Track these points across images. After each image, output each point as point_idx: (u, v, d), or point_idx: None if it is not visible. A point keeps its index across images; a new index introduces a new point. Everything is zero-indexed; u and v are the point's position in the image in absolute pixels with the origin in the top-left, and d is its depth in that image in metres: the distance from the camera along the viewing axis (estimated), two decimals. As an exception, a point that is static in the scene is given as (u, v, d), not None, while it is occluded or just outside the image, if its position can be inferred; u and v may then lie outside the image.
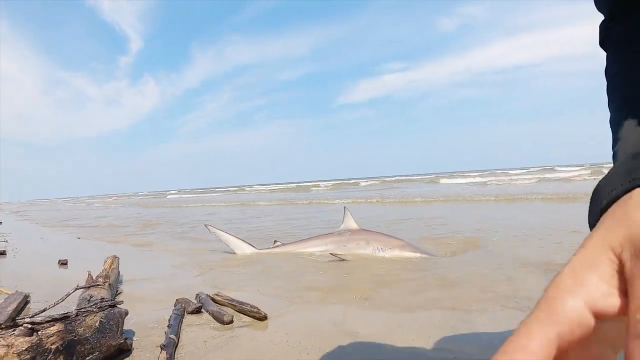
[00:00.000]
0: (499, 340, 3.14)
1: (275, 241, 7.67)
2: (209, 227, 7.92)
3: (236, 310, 4.05)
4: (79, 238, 11.94)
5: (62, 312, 2.86)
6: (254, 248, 7.42)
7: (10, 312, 3.89)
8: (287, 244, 7.49)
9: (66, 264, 7.06)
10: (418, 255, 6.08)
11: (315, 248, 7.07)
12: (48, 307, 3.09)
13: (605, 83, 1.14)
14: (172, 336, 3.24)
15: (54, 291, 4.69)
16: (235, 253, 7.42)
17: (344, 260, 6.23)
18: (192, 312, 4.02)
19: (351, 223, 7.17)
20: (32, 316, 2.77)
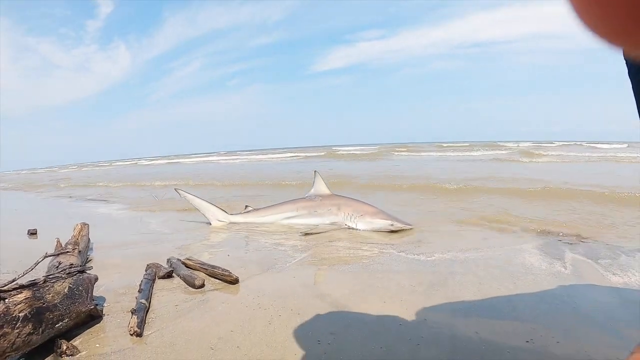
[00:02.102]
0: (469, 306, 3.29)
1: (246, 206, 7.61)
2: (179, 191, 7.70)
3: (207, 274, 4.09)
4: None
5: (30, 279, 2.82)
6: (226, 213, 7.36)
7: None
8: (259, 209, 7.45)
9: (35, 233, 6.91)
10: (389, 223, 6.12)
11: (286, 213, 7.02)
12: (17, 277, 3.03)
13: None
14: (143, 301, 3.26)
15: (23, 261, 4.60)
16: (209, 222, 7.34)
17: (318, 233, 6.20)
18: (163, 277, 4.04)
19: (322, 188, 7.03)
20: (2, 287, 2.72)
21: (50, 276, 2.96)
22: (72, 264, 3.60)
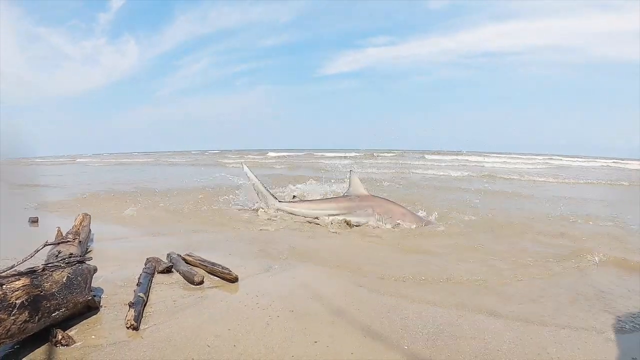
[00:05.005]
0: (469, 310, 3.25)
1: (294, 196, 8.16)
2: (244, 165, 8.16)
3: (207, 271, 4.05)
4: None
5: (29, 267, 2.79)
6: (275, 200, 7.75)
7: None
8: (305, 201, 7.90)
9: (37, 221, 6.91)
10: (414, 226, 6.56)
11: (329, 210, 7.26)
12: (16, 264, 2.99)
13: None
14: (141, 294, 3.23)
15: (24, 249, 4.57)
16: (253, 207, 7.79)
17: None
18: (162, 272, 4.01)
19: (359, 188, 7.36)
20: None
21: (50, 265, 2.94)
22: (71, 254, 3.58)
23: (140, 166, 29.87)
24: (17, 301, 2.46)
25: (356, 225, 6.80)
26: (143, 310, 3.10)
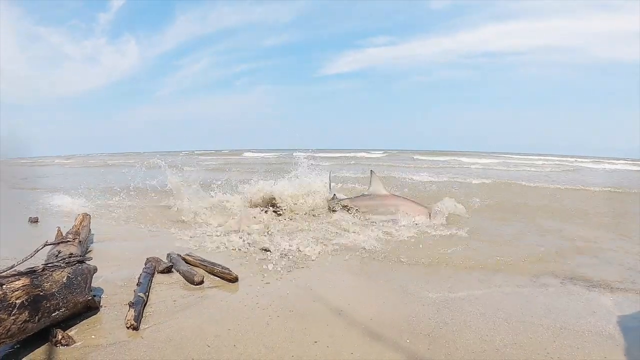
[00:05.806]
0: (466, 311, 3.24)
1: (334, 195, 8.09)
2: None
3: (207, 271, 4.05)
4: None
5: (29, 267, 2.79)
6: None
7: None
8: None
9: (37, 221, 6.90)
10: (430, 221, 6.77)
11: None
12: (16, 264, 2.99)
13: None
14: (141, 294, 3.23)
15: (24, 248, 4.56)
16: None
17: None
18: (162, 271, 4.01)
19: (379, 187, 7.55)
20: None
21: (50, 265, 2.94)
22: (71, 254, 3.57)
23: (107, 168, 28.49)
24: (17, 301, 2.46)
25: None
26: (143, 310, 3.10)
